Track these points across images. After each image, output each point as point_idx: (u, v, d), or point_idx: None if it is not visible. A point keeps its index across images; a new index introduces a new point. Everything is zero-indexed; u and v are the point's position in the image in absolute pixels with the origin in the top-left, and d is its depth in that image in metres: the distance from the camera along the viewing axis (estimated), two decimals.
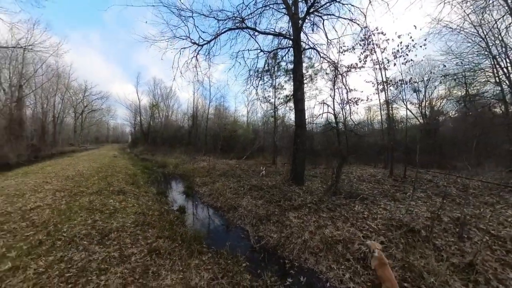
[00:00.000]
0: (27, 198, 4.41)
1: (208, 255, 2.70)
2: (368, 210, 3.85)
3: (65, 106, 27.10)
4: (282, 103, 10.93)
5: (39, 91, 20.43)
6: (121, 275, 2.15)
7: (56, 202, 4.25)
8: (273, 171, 8.38)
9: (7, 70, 15.89)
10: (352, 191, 4.94)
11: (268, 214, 3.98)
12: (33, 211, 3.72)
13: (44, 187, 5.39)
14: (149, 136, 25.32)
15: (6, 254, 2.39)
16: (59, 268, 2.20)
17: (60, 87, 24.06)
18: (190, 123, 23.16)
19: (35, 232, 2.95)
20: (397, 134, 9.79)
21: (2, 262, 2.24)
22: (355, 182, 6.12)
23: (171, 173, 9.86)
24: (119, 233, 3.11)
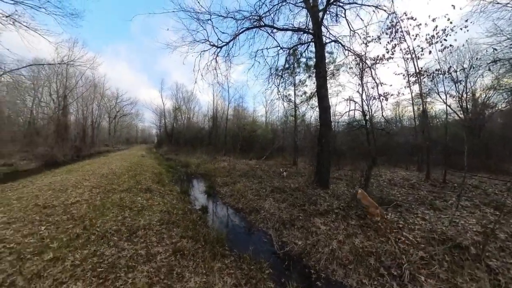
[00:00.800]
0: (69, 194, 4.87)
1: (230, 258, 2.62)
2: (404, 219, 3.43)
3: (101, 112, 30.64)
4: (303, 101, 10.57)
5: (80, 100, 23.49)
6: (147, 274, 2.17)
7: (92, 198, 4.61)
8: (294, 173, 8.11)
9: (55, 84, 18.69)
10: (383, 196, 4.48)
11: (292, 218, 3.79)
12: (73, 206, 4.07)
13: (83, 183, 5.92)
14: (172, 137, 26.85)
15: (49, 245, 2.61)
16: (92, 262, 2.31)
17: (96, 96, 27.34)
18: (211, 124, 24.01)
19: (74, 226, 3.19)
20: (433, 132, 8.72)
21: (46, 252, 2.44)
22: (385, 186, 5.58)
23: (193, 172, 10.19)
24: (146, 230, 3.21)
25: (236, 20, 6.23)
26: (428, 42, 4.96)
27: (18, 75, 11.86)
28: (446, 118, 7.92)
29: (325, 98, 5.74)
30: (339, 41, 6.36)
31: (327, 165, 5.59)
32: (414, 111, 8.78)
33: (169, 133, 28.91)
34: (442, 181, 5.79)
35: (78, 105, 23.47)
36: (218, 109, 23.86)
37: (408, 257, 2.43)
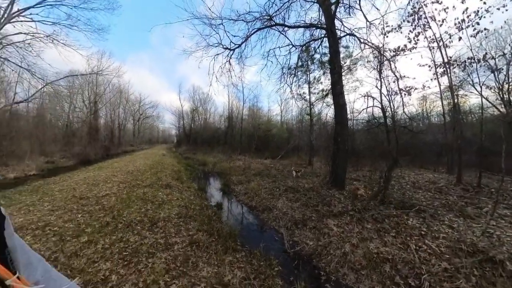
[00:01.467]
0: (100, 187, 5.43)
1: (241, 253, 2.72)
2: (427, 226, 3.18)
3: (126, 115, 33.58)
4: (318, 99, 10.29)
5: (108, 105, 26.07)
6: (165, 260, 2.37)
7: (120, 192, 5.08)
8: (309, 172, 7.98)
9: (86, 91, 21.24)
10: (405, 200, 4.22)
11: (304, 218, 3.77)
12: (104, 198, 4.54)
13: (112, 179, 6.55)
14: (190, 137, 28.15)
15: (85, 230, 2.97)
16: (119, 246, 2.59)
17: (122, 100, 30.18)
18: (226, 124, 24.63)
19: (104, 215, 3.57)
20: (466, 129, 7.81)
21: (82, 236, 2.79)
22: (408, 189, 5.22)
23: (210, 170, 10.58)
24: (165, 222, 3.45)
25: (246, 22, 6.33)
26: (457, 28, 4.34)
27: (57, 85, 13.50)
28: (481, 113, 7.02)
29: (340, 95, 5.52)
30: (354, 34, 6.02)
31: (343, 165, 5.40)
32: (444, 106, 7.96)
33: (187, 134, 30.38)
34: (476, 185, 5.22)
35: (106, 110, 26.22)
36: (234, 109, 24.38)
37: (429, 268, 2.27)
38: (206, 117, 31.75)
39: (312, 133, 11.26)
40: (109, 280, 2.01)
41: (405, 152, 7.03)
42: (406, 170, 7.69)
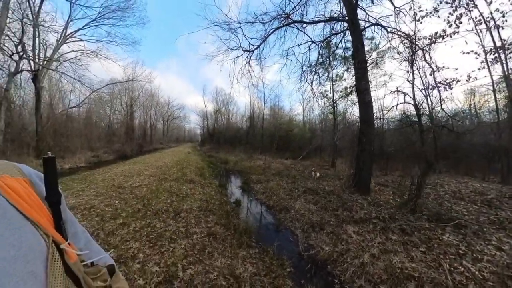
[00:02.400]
0: (134, 179, 6.10)
1: (255, 249, 2.77)
2: (467, 244, 2.75)
3: (156, 116, 37.31)
4: (342, 96, 9.71)
5: (141, 107, 29.64)
6: (184, 247, 2.58)
7: (150, 184, 5.62)
8: (331, 175, 7.64)
9: (124, 96, 24.62)
10: (442, 212, 3.74)
11: (322, 222, 3.65)
12: (137, 188, 5.09)
13: (144, 172, 7.28)
14: (214, 137, 29.51)
15: (120, 214, 3.41)
16: (147, 230, 2.92)
17: (153, 103, 33.69)
18: (248, 124, 25.03)
19: (136, 203, 4.02)
20: None
21: (118, 218, 3.22)
22: (447, 199, 4.62)
23: (231, 169, 10.91)
24: (187, 213, 3.72)
25: (263, 23, 6.35)
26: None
27: (101, 92, 16.51)
28: None
29: (365, 91, 5.08)
30: (380, 24, 5.45)
31: (368, 168, 5.01)
32: (497, 100, 6.71)
33: (210, 133, 31.98)
34: None
35: (140, 112, 29.93)
36: (255, 109, 24.74)
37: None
38: (228, 117, 32.97)
39: (335, 133, 10.62)
40: (137, 257, 2.30)
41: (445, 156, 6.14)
42: (445, 176, 6.77)
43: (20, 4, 9.07)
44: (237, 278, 2.07)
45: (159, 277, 2.02)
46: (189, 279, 2.02)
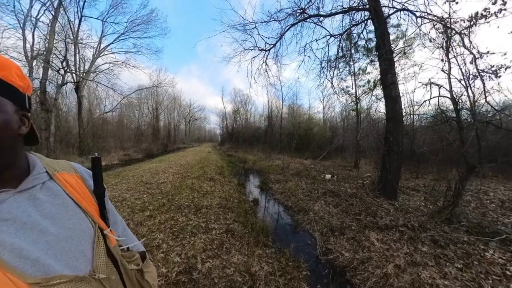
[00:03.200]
0: (160, 176, 6.56)
1: (271, 249, 2.78)
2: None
3: (179, 118, 40.50)
4: (366, 92, 9.04)
5: (165, 110, 32.32)
6: (204, 241, 2.71)
7: (174, 180, 6.00)
8: (354, 176, 7.24)
9: (150, 100, 27.35)
10: (485, 224, 3.28)
11: (342, 226, 3.49)
12: (162, 184, 5.47)
13: (168, 170, 7.79)
14: (233, 136, 30.33)
15: (148, 207, 3.72)
16: (170, 223, 3.14)
17: (176, 106, 36.77)
18: (266, 124, 25.06)
19: (162, 197, 4.33)
20: None
21: (145, 211, 3.52)
22: (493, 209, 4.04)
23: (249, 168, 11.04)
24: (207, 209, 3.89)
25: (279, 21, 6.21)
26: None
27: (130, 98, 18.96)
28: None
29: (392, 85, 4.64)
30: (407, 9, 4.86)
31: (395, 169, 4.59)
32: None
33: (230, 133, 32.97)
34: None
35: (164, 114, 32.67)
36: (273, 108, 24.70)
37: None
38: (247, 117, 33.68)
39: (358, 132, 9.83)
40: (161, 247, 2.49)
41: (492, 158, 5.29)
42: (491, 182, 5.91)
43: (63, 26, 10.83)
44: (253, 276, 2.11)
45: (180, 267, 2.16)
46: (207, 272, 2.12)
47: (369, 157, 7.79)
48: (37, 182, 0.42)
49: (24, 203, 0.38)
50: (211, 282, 1.98)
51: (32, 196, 0.40)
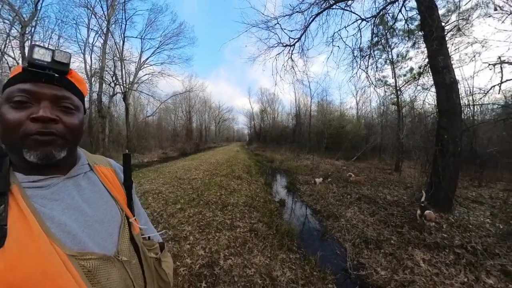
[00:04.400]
0: (192, 172, 7.05)
1: (295, 254, 2.64)
2: None
3: (209, 119, 43.90)
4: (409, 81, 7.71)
5: (197, 113, 35.58)
6: (227, 238, 2.76)
7: (204, 177, 6.34)
8: (394, 181, 6.39)
9: (184, 104, 30.55)
10: None
11: (379, 239, 3.08)
12: (193, 180, 5.85)
13: (199, 167, 8.32)
14: (260, 136, 30.78)
15: (179, 200, 4.03)
16: (198, 217, 3.32)
17: (206, 108, 40.07)
18: (294, 122, 24.38)
19: (192, 193, 4.63)
20: None
21: (177, 204, 3.82)
22: None
23: (276, 167, 10.91)
24: (233, 207, 3.97)
25: (302, 13, 5.78)
26: None
27: (167, 103, 21.65)
28: None
29: (445, 69, 3.78)
30: None
31: (450, 175, 3.74)
32: None
33: (257, 132, 33.58)
34: None
35: (196, 117, 36.17)
36: (301, 106, 23.90)
37: None
38: (274, 116, 33.69)
39: (400, 129, 8.40)
40: (188, 239, 2.66)
41: None
42: None
43: (111, 48, 13.34)
44: (273, 280, 2.03)
45: (203, 260, 2.25)
46: (228, 269, 2.14)
47: (415, 159, 6.61)
48: (80, 172, 0.50)
49: (70, 188, 0.46)
50: (231, 279, 1.99)
51: (76, 183, 0.48)
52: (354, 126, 15.96)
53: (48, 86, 0.42)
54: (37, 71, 0.40)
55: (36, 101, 0.41)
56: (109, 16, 12.20)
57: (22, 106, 0.40)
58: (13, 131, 0.39)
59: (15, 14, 8.42)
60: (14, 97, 0.39)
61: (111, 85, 13.54)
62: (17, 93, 0.39)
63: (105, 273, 0.43)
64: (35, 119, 0.39)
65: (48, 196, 0.41)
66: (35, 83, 0.41)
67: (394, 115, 10.53)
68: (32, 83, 0.40)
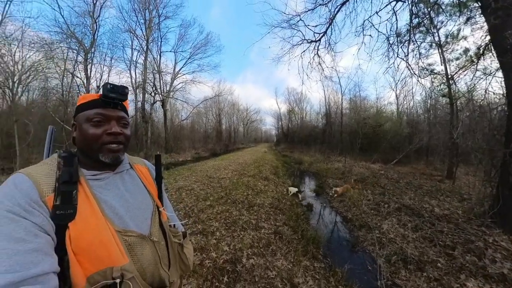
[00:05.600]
0: (221, 172, 7.43)
1: (320, 264, 2.52)
2: None
3: (238, 121, 45.93)
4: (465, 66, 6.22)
5: (226, 115, 37.93)
6: (251, 237, 2.84)
7: (232, 177, 6.62)
8: (446, 190, 5.45)
9: (214, 108, 32.51)
10: None
11: (422, 259, 2.66)
12: (222, 179, 6.17)
13: (228, 167, 8.72)
14: (288, 137, 30.28)
15: (209, 197, 4.33)
16: (225, 215, 3.52)
17: (234, 111, 42.13)
18: (324, 122, 23.10)
19: (221, 191, 4.90)
20: None
21: (207, 200, 4.11)
22: None
23: (305, 170, 10.57)
24: (259, 208, 4.04)
25: (325, 5, 5.30)
26: None
27: (198, 107, 23.90)
28: None
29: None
30: None
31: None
32: None
33: (285, 133, 33.18)
34: None
35: (225, 119, 38.53)
36: (331, 104, 22.35)
37: None
38: (302, 116, 32.68)
39: (454, 126, 6.86)
40: (214, 234, 2.84)
41: None
42: None
43: (151, 62, 16.18)
44: (294, 287, 1.99)
45: (227, 256, 2.37)
46: (250, 268, 2.19)
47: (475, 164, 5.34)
48: (124, 169, 0.64)
49: (117, 181, 0.60)
50: (252, 279, 2.04)
51: (121, 177, 0.62)
52: (394, 124, 13.96)
53: (114, 110, 0.57)
54: (108, 101, 0.55)
55: (107, 121, 0.56)
56: (148, 36, 15.17)
57: (99, 124, 0.55)
58: (94, 141, 0.53)
59: (80, 44, 11.03)
60: (93, 118, 0.54)
61: (152, 95, 16.32)
62: (94, 115, 0.54)
63: (140, 248, 0.54)
64: (110, 134, 0.55)
65: (103, 186, 0.55)
66: (106, 108, 0.56)
67: (445, 109, 8.89)
68: (104, 109, 0.56)
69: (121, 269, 0.47)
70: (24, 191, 0.43)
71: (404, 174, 7.83)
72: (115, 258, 0.47)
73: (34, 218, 0.41)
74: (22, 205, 0.41)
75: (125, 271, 0.47)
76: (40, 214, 0.43)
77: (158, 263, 0.58)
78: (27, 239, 0.38)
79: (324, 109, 23.77)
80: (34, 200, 0.43)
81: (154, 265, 0.56)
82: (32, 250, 0.38)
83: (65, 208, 0.46)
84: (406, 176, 7.52)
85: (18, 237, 0.38)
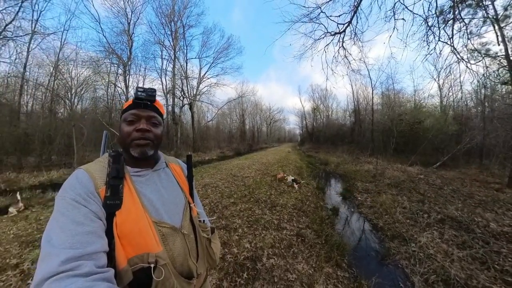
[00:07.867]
0: (245, 171, 7.63)
1: (344, 273, 2.38)
2: None
3: (261, 121, 46.74)
4: None
5: (250, 115, 38.53)
6: (273, 238, 2.85)
7: (255, 176, 6.72)
8: (507, 202, 4.57)
9: (237, 109, 33.84)
10: None
11: (470, 284, 2.28)
12: (246, 178, 6.31)
13: (251, 166, 8.89)
14: (313, 136, 29.10)
15: (233, 195, 4.50)
16: (247, 213, 3.62)
17: (257, 111, 42.92)
18: (352, 120, 21.46)
19: (244, 189, 5.04)
20: None
21: (231, 198, 4.29)
22: None
23: (331, 171, 10.06)
24: (282, 208, 4.02)
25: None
26: None
27: (223, 109, 25.54)
28: None
29: None
30: None
31: None
32: None
33: (309, 132, 31.99)
34: None
35: (249, 119, 39.27)
36: (360, 100, 20.64)
37: None
38: (328, 114, 30.98)
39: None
40: (237, 231, 2.94)
41: None
42: None
43: (178, 69, 17.97)
44: None
45: (248, 253, 2.43)
46: (270, 268, 2.21)
47: None
48: (160, 167, 0.71)
49: (155, 177, 0.67)
50: (271, 279, 2.05)
51: (158, 174, 0.69)
52: (436, 120, 11.64)
53: (144, 110, 0.63)
54: (139, 102, 0.63)
55: (138, 119, 0.63)
56: (175, 46, 16.99)
57: (131, 123, 0.62)
58: (127, 137, 0.61)
59: (119, 59, 13.56)
60: (127, 118, 0.62)
61: (180, 99, 18.37)
62: (129, 115, 0.62)
63: (172, 239, 0.60)
64: (138, 130, 0.61)
65: (143, 182, 0.63)
66: (138, 109, 0.63)
67: (505, 100, 7.38)
68: (137, 109, 0.63)
69: (156, 256, 0.53)
70: (83, 184, 0.53)
71: (449, 180, 6.80)
72: (151, 245, 0.54)
73: (91, 206, 0.50)
74: (82, 195, 0.50)
75: (159, 258, 0.54)
76: (95, 203, 0.51)
77: (187, 254, 0.63)
78: (85, 222, 0.46)
79: (352, 105, 22.25)
80: (90, 191, 0.52)
81: (183, 255, 0.62)
82: (89, 232, 0.46)
83: (113, 199, 0.54)
84: (452, 182, 6.53)
85: (78, 220, 0.46)
